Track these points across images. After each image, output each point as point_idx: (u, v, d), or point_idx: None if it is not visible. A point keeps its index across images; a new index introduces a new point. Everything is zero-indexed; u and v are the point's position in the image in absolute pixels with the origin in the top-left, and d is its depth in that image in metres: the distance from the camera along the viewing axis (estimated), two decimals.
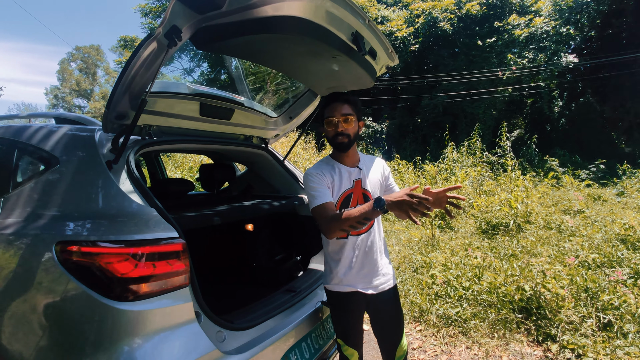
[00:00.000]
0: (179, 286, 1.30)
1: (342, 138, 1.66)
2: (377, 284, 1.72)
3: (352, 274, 1.70)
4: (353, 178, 1.72)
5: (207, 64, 25.79)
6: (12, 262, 1.38)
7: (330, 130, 1.68)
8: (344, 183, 1.71)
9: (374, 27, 1.62)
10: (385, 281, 1.75)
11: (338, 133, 1.66)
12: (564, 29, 17.61)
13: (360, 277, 1.70)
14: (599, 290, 3.09)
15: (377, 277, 1.73)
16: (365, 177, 1.74)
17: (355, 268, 1.70)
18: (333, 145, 1.72)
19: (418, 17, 20.23)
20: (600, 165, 12.27)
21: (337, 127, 1.66)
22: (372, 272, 1.72)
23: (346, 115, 1.67)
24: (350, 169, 1.74)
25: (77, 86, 50.36)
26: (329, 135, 1.71)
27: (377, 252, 1.74)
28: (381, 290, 1.72)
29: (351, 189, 1.71)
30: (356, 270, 1.70)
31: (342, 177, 1.71)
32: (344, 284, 1.71)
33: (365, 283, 1.71)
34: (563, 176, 9.75)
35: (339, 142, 1.67)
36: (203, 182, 2.83)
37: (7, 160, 1.70)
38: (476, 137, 10.23)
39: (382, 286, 1.73)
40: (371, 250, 1.72)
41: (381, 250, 1.77)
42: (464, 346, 2.87)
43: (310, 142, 13.15)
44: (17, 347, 1.31)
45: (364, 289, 1.70)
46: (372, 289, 1.71)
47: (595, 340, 2.66)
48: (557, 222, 5.71)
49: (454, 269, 3.96)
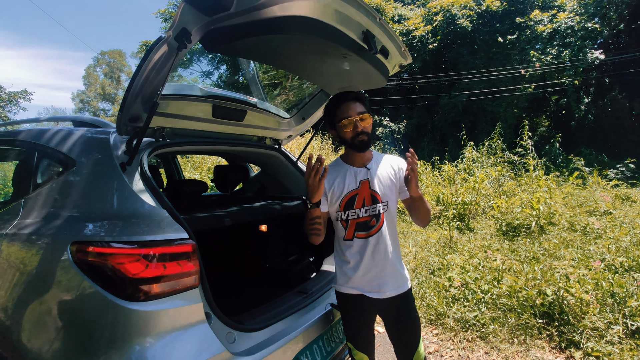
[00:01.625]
0: (189, 287, 1.30)
1: (362, 137, 1.61)
2: (385, 289, 1.65)
3: (357, 277, 1.66)
4: (360, 178, 1.67)
5: (226, 66, 26.18)
6: (31, 262, 1.42)
7: (348, 131, 1.62)
8: (348, 184, 1.67)
9: (385, 25, 1.59)
10: (395, 287, 1.67)
11: (359, 133, 1.61)
12: (589, 24, 16.99)
13: (365, 280, 1.66)
14: (626, 295, 2.95)
15: (385, 282, 1.65)
16: (373, 178, 1.67)
17: (360, 271, 1.65)
18: (353, 146, 1.64)
19: (436, 14, 19.94)
20: (630, 164, 11.76)
21: (357, 127, 1.60)
22: (379, 277, 1.65)
23: (362, 112, 1.62)
24: (357, 170, 1.69)
25: (102, 90, 52.07)
26: (348, 137, 1.63)
27: (386, 256, 1.65)
28: (390, 295, 1.65)
29: (356, 189, 1.65)
30: (362, 273, 1.66)
31: (346, 178, 1.68)
32: (349, 286, 1.69)
33: (371, 287, 1.65)
34: (589, 176, 9.39)
35: (359, 141, 1.62)
36: (217, 183, 2.86)
37: (29, 162, 1.76)
38: (497, 137, 9.97)
39: (391, 292, 1.66)
40: (378, 253, 1.65)
41: (392, 254, 1.67)
42: (482, 351, 2.79)
43: (326, 142, 13.13)
44: (36, 345, 1.35)
45: (369, 292, 1.66)
46: (378, 293, 1.65)
47: (622, 347, 2.54)
48: (582, 224, 5.50)
49: (472, 272, 3.86)
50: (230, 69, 25.32)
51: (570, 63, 16.79)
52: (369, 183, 1.66)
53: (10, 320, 1.43)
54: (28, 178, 1.71)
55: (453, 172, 8.43)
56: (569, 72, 17.07)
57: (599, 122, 18.51)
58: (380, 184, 1.67)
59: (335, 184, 1.68)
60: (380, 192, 1.66)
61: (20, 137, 1.95)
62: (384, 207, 1.66)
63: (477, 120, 19.06)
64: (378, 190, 1.66)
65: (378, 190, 1.66)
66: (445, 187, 8.01)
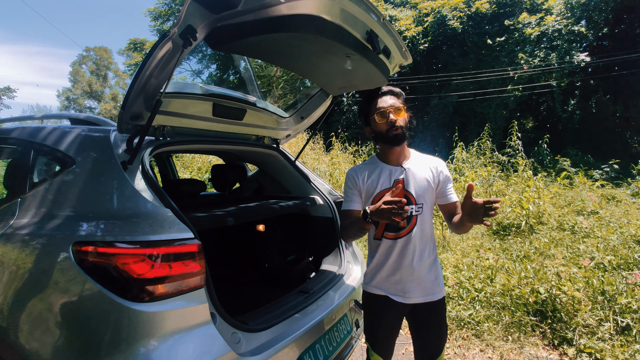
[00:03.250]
0: (194, 287, 1.29)
1: (397, 130, 1.56)
2: (410, 295, 1.59)
3: (381, 277, 1.63)
4: (394, 177, 1.60)
5: (216, 65, 25.95)
6: (29, 262, 1.39)
7: (382, 123, 1.57)
8: (382, 182, 1.61)
9: (389, 25, 1.60)
10: (423, 293, 1.60)
11: (393, 125, 1.56)
12: (575, 27, 17.35)
13: (391, 282, 1.61)
14: (616, 293, 3.03)
15: (411, 287, 1.59)
16: (408, 178, 1.60)
17: (385, 272, 1.62)
18: (388, 139, 1.59)
19: (427, 16, 20.10)
20: (614, 165, 12.05)
21: (390, 119, 1.56)
22: (405, 281, 1.59)
23: (397, 106, 1.59)
24: (392, 168, 1.62)
25: (89, 88, 51.08)
26: (382, 130, 1.58)
27: (415, 260, 1.58)
28: (416, 302, 1.60)
29: (389, 189, 1.58)
30: (386, 275, 1.62)
31: (381, 177, 1.62)
32: (373, 285, 1.66)
33: (396, 290, 1.61)
34: (575, 176, 9.59)
35: (394, 134, 1.56)
36: (215, 183, 2.83)
37: (24, 161, 1.72)
38: (486, 137, 10.11)
39: (417, 298, 1.60)
40: (406, 257, 1.58)
41: (422, 258, 1.59)
42: (478, 349, 2.83)
43: (318, 142, 13.12)
44: (34, 346, 1.31)
45: (393, 295, 1.61)
46: (403, 298, 1.60)
47: (613, 344, 2.61)
48: (570, 223, 5.61)
49: (466, 271, 3.91)
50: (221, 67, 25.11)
51: (557, 65, 17.10)
52: (403, 183, 1.59)
53: (7, 321, 1.39)
54: (24, 177, 1.67)
55: None
56: (556, 75, 17.40)
57: (584, 123, 18.92)
58: (415, 185, 1.60)
59: (369, 181, 1.63)
60: (414, 194, 1.59)
61: (14, 135, 1.90)
62: (417, 210, 1.59)
63: (466, 121, 19.29)
64: (413, 191, 1.59)
65: (413, 192, 1.59)
66: None
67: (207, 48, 23.78)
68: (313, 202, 2.47)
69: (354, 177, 1.66)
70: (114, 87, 52.53)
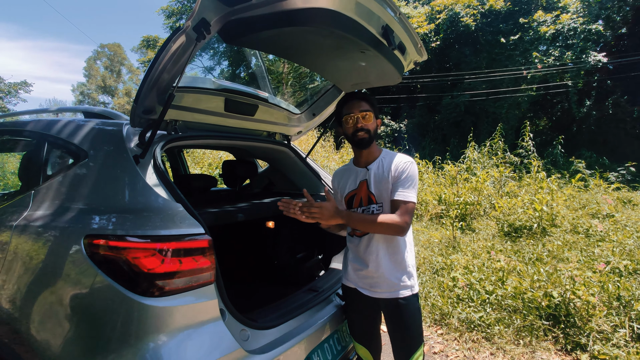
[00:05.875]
0: (204, 283, 1.28)
1: (362, 134, 1.64)
2: (377, 289, 1.65)
3: (351, 272, 1.74)
4: (359, 179, 1.70)
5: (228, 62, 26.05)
6: (41, 254, 1.39)
7: (349, 127, 1.67)
8: (349, 185, 1.74)
9: (405, 20, 1.57)
10: (389, 289, 1.63)
11: (357, 129, 1.64)
12: (592, 26, 16.94)
13: (359, 276, 1.70)
14: (632, 298, 2.95)
15: (377, 283, 1.64)
16: (370, 178, 1.67)
17: (353, 266, 1.72)
18: (353, 143, 1.69)
19: (440, 13, 19.85)
20: (630, 167, 11.76)
21: (357, 123, 1.64)
22: (371, 276, 1.65)
23: (364, 111, 1.65)
24: (359, 170, 1.72)
25: (103, 83, 51.83)
26: (349, 133, 1.68)
27: (381, 256, 1.63)
28: (382, 297, 1.64)
29: (354, 190, 1.71)
30: (354, 269, 1.72)
31: (349, 179, 1.75)
32: (346, 278, 1.79)
33: (364, 284, 1.69)
34: (590, 179, 9.38)
35: (359, 138, 1.65)
36: (225, 178, 2.83)
37: (38, 153, 1.73)
38: (498, 137, 9.96)
39: (384, 293, 1.63)
40: (370, 254, 1.64)
41: (387, 254, 1.63)
42: (488, 352, 2.78)
43: (328, 140, 13.10)
44: (45, 337, 1.32)
45: (361, 288, 1.69)
46: (369, 292, 1.67)
47: (628, 351, 2.54)
48: (584, 226, 5.49)
49: (477, 272, 3.85)
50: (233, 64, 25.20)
51: (573, 65, 16.75)
52: (367, 184, 1.68)
53: (19, 312, 1.40)
54: (37, 169, 1.68)
55: (455, 172, 8.41)
56: (571, 74, 17.04)
57: (600, 124, 18.51)
58: (376, 185, 1.66)
59: (341, 184, 1.78)
60: (375, 194, 1.66)
61: (29, 128, 1.92)
62: (378, 208, 1.65)
63: (478, 121, 19.02)
64: (374, 191, 1.66)
65: (374, 191, 1.66)
66: (447, 187, 7.99)
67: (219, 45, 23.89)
68: (323, 200, 2.44)
69: (333, 180, 1.86)
70: (128, 82, 53.26)
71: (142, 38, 31.63)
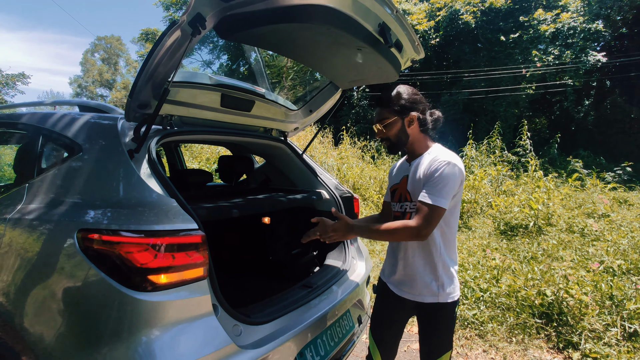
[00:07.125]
0: (197, 278, 1.28)
1: (385, 143, 1.66)
2: (402, 288, 1.62)
3: (386, 267, 1.76)
4: (403, 174, 1.67)
5: (227, 56, 25.92)
6: (35, 247, 1.39)
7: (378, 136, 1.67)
8: (394, 178, 1.74)
9: (402, 18, 1.56)
10: (414, 291, 1.58)
11: (381, 139, 1.65)
12: (592, 25, 16.93)
13: (390, 272, 1.71)
14: (624, 298, 2.97)
15: (404, 282, 1.61)
16: (409, 176, 1.60)
17: (388, 263, 1.73)
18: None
19: (440, 10, 19.78)
20: (627, 167, 11.80)
21: (378, 134, 1.64)
22: (400, 274, 1.62)
23: (383, 119, 1.59)
24: (404, 164, 1.69)
25: (100, 76, 51.49)
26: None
27: (408, 257, 1.58)
28: (407, 297, 1.60)
29: (397, 184, 1.69)
30: (388, 263, 1.74)
31: (396, 172, 1.75)
32: (382, 271, 1.80)
33: (393, 280, 1.68)
34: (587, 178, 9.42)
35: (386, 146, 1.67)
36: (221, 174, 2.83)
37: (33, 146, 1.72)
38: (496, 136, 9.97)
39: (408, 295, 1.60)
40: (400, 251, 1.61)
41: (416, 255, 1.56)
42: (481, 349, 2.81)
43: (327, 136, 13.08)
44: (38, 330, 1.33)
45: (390, 284, 1.70)
46: (397, 290, 1.65)
47: (619, 350, 2.56)
48: (580, 226, 5.53)
49: (472, 270, 3.88)
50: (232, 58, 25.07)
51: (572, 64, 16.74)
52: (406, 179, 1.62)
53: (12, 305, 1.40)
54: (32, 162, 1.67)
55: None
56: (570, 73, 17.04)
57: (598, 124, 18.56)
58: (412, 184, 1.57)
59: (392, 175, 1.77)
60: (411, 192, 1.58)
61: (24, 121, 1.91)
62: (412, 207, 1.58)
63: (477, 119, 19.03)
64: (410, 188, 1.59)
65: (409, 189, 1.59)
66: None
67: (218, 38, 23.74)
68: (319, 197, 2.45)
69: (391, 170, 1.83)
70: (126, 75, 52.91)
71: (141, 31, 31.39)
